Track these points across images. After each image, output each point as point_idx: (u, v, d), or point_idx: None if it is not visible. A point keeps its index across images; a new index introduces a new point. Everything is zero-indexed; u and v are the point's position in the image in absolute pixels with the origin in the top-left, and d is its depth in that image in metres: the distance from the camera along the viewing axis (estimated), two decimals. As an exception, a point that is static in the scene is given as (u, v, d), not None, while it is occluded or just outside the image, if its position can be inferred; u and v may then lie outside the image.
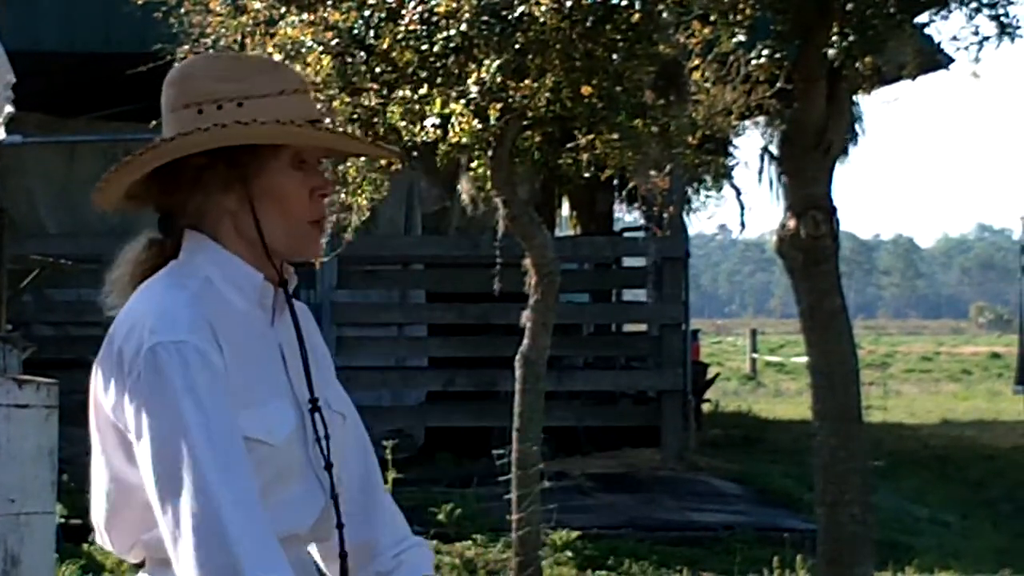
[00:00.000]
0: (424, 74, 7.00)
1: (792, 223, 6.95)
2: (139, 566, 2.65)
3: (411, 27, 6.93)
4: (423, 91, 6.98)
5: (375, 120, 7.18)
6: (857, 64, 6.81)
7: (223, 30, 7.46)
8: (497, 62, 6.83)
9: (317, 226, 2.69)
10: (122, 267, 2.74)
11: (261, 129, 2.60)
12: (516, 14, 6.80)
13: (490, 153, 7.65)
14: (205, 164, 2.63)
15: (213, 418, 2.49)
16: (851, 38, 6.66)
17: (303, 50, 7.02)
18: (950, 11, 6.78)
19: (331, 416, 2.70)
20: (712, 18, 7.08)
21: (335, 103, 7.06)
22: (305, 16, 7.11)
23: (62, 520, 9.94)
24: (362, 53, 7.03)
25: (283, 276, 2.70)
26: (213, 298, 2.62)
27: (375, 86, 7.09)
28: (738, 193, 9.15)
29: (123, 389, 2.55)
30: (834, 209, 6.99)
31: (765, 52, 7.06)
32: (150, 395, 2.51)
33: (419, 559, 2.80)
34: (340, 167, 7.50)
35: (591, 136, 7.64)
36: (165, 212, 2.71)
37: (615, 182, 12.25)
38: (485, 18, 6.82)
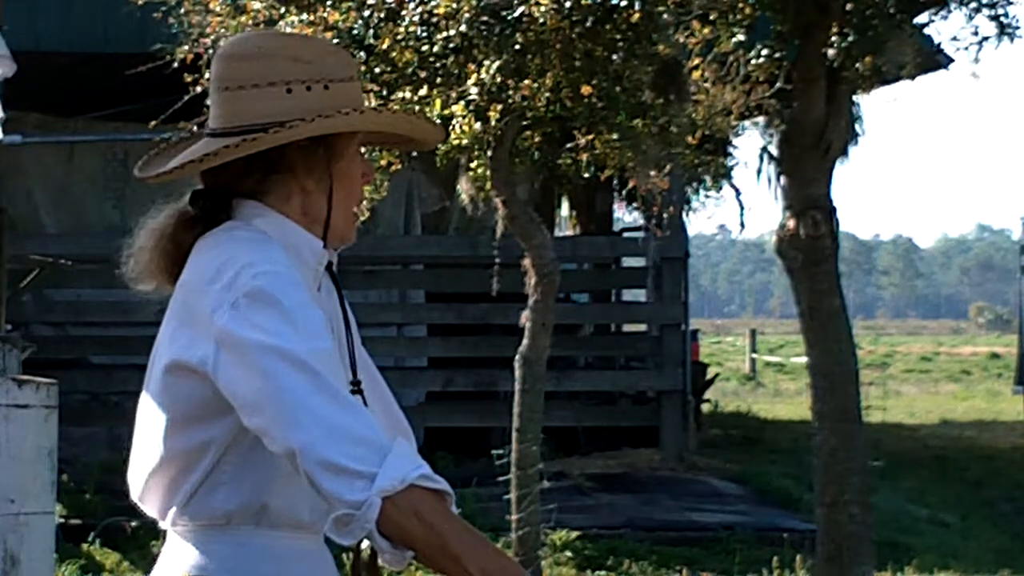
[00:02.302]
0: (424, 75, 7.00)
1: (792, 223, 6.95)
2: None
3: (411, 28, 6.93)
4: (423, 92, 6.98)
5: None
6: (857, 64, 6.81)
7: (222, 30, 7.46)
8: (497, 62, 6.83)
9: (358, 211, 2.80)
10: (147, 241, 2.74)
11: (377, 117, 2.77)
12: (515, 14, 6.80)
13: (490, 153, 7.65)
14: (306, 147, 2.68)
15: (318, 341, 2.51)
16: (851, 38, 6.67)
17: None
18: (950, 11, 6.79)
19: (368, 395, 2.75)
20: (712, 18, 7.09)
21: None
22: (305, 16, 7.11)
23: (61, 520, 9.94)
24: (362, 53, 7.03)
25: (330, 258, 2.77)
26: (291, 256, 2.66)
27: (375, 87, 7.09)
28: (737, 193, 9.16)
29: (199, 328, 2.55)
30: (834, 209, 6.99)
31: (765, 52, 7.06)
32: (258, 312, 2.51)
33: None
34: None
35: (591, 136, 7.65)
36: (221, 186, 2.71)
37: (615, 182, 12.28)
38: (484, 18, 6.82)
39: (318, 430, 2.42)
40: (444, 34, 6.86)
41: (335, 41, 6.99)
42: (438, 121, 7.02)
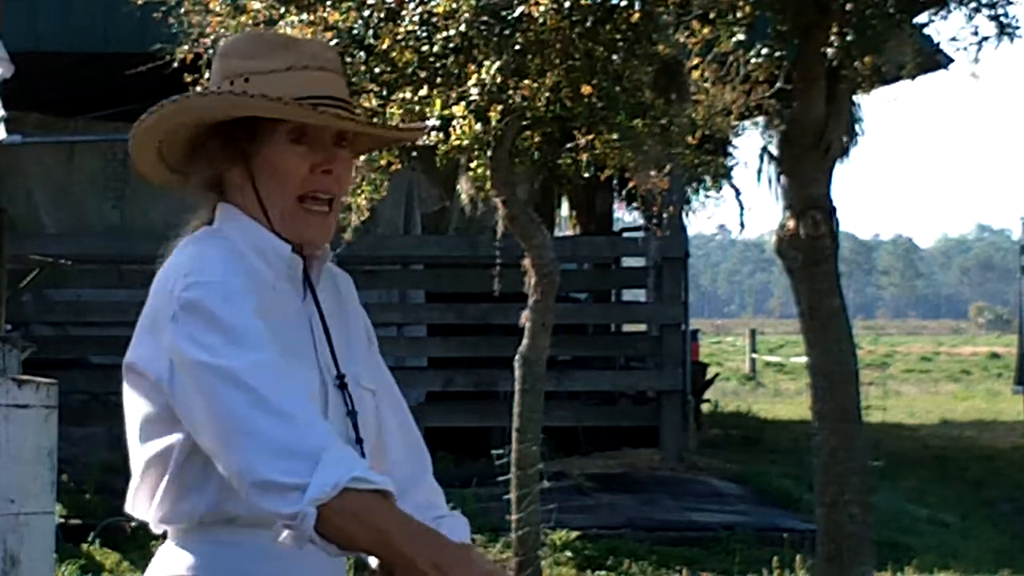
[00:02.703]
0: (424, 75, 7.00)
1: (792, 223, 6.94)
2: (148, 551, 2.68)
3: (410, 28, 6.93)
4: (423, 92, 6.98)
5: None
6: (856, 64, 6.81)
7: (222, 30, 7.46)
8: (497, 63, 6.83)
9: (316, 202, 2.67)
10: (181, 235, 2.76)
11: (240, 100, 2.62)
12: (515, 14, 6.79)
13: (490, 153, 7.65)
14: (205, 138, 2.67)
15: (254, 354, 2.49)
16: (850, 38, 6.66)
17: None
18: (949, 11, 6.78)
19: (359, 392, 2.73)
20: (712, 17, 7.08)
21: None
22: (305, 16, 7.11)
23: (61, 520, 9.95)
24: (362, 53, 7.03)
25: (303, 252, 2.71)
26: (247, 263, 2.63)
27: (375, 87, 7.09)
28: (737, 193, 9.15)
29: (159, 336, 2.56)
30: (833, 209, 6.99)
31: (764, 52, 7.06)
32: (195, 326, 2.51)
33: (458, 523, 2.79)
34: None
35: (591, 136, 7.64)
36: (207, 185, 2.74)
37: (615, 182, 12.28)
38: (484, 18, 6.82)
39: (253, 450, 2.43)
40: (444, 34, 6.86)
41: (334, 41, 6.99)
42: (438, 124, 7.02)
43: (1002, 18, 6.59)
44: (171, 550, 2.66)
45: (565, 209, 20.96)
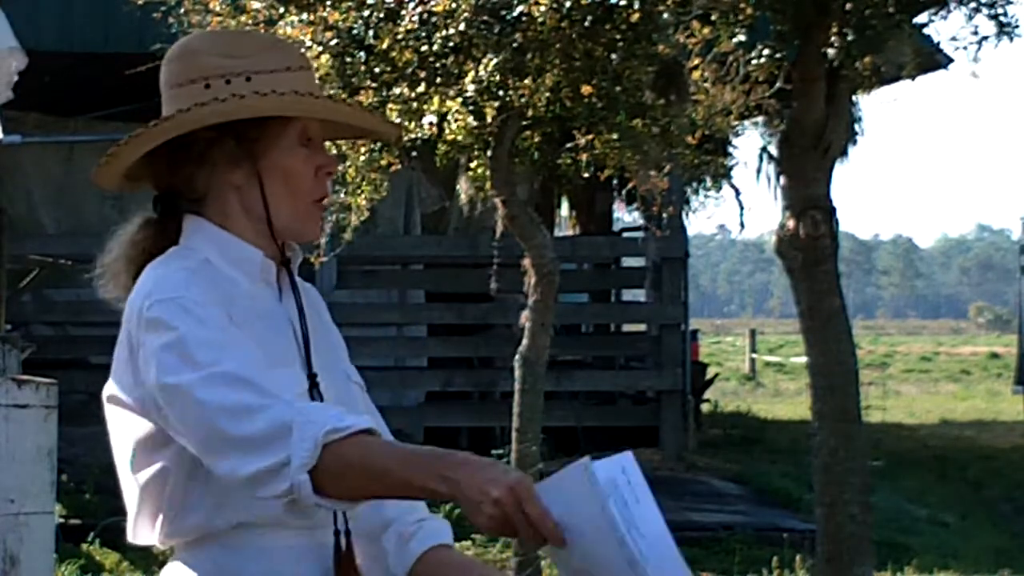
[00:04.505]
0: (423, 74, 7.00)
1: (791, 223, 6.94)
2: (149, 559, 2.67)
3: (410, 27, 6.93)
4: (421, 90, 6.98)
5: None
6: (856, 64, 6.81)
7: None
8: (495, 61, 6.83)
9: (320, 206, 2.70)
10: (116, 249, 2.73)
11: (272, 100, 2.60)
12: (515, 14, 6.80)
13: (489, 153, 7.65)
14: (214, 139, 2.62)
15: (217, 366, 2.48)
16: (850, 38, 6.66)
17: (302, 50, 7.01)
18: (949, 11, 6.78)
19: (349, 387, 2.74)
20: (712, 18, 7.08)
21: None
22: (304, 16, 7.11)
23: (61, 520, 9.95)
24: (361, 53, 7.03)
25: (285, 254, 2.71)
26: (213, 275, 2.61)
27: (374, 85, 7.09)
28: (737, 193, 9.15)
29: (134, 361, 2.57)
30: (833, 209, 6.99)
31: (764, 52, 7.06)
32: (160, 347, 2.51)
33: (440, 527, 2.78)
34: (339, 167, 7.50)
35: (590, 136, 7.64)
36: (167, 190, 2.70)
37: (614, 182, 12.26)
38: (484, 18, 6.82)
39: (231, 453, 2.44)
40: (443, 33, 6.86)
41: (334, 41, 6.99)
42: (435, 119, 7.02)
43: (1001, 18, 6.59)
44: (179, 566, 2.65)
45: (565, 209, 20.96)
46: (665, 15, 7.02)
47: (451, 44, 6.87)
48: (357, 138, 6.38)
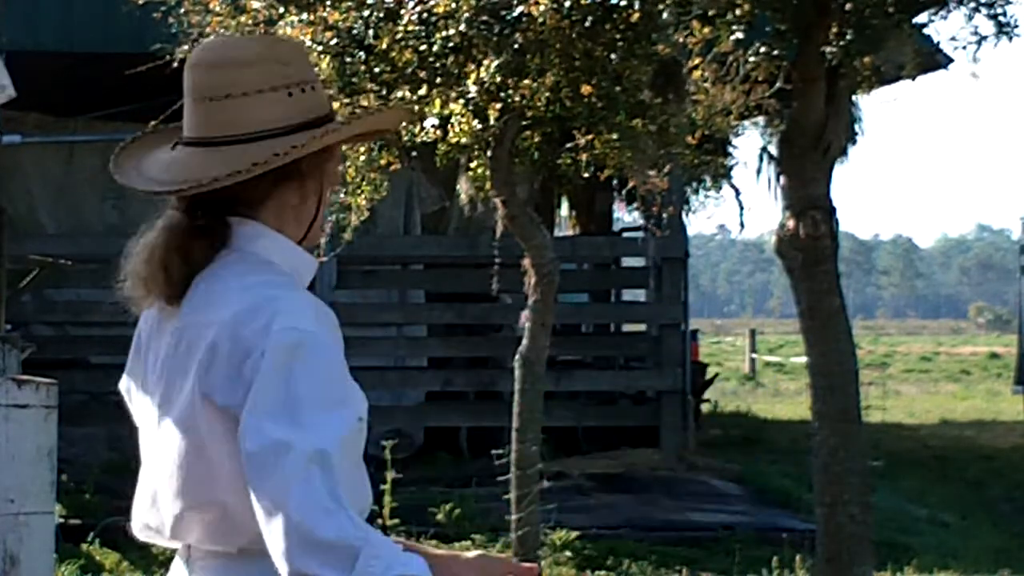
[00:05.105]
0: (423, 74, 7.00)
1: (791, 223, 6.94)
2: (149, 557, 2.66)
3: (410, 27, 6.93)
4: (422, 91, 6.98)
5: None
6: (856, 64, 6.81)
7: (222, 30, 7.46)
8: (496, 62, 6.83)
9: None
10: (147, 252, 2.69)
11: (395, 115, 2.99)
12: (515, 14, 6.80)
13: (489, 153, 7.65)
14: (313, 153, 2.66)
15: (336, 430, 2.48)
16: (850, 38, 6.66)
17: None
18: (949, 11, 6.78)
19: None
20: (711, 17, 7.08)
21: (334, 103, 7.05)
22: (304, 16, 7.11)
23: (61, 520, 9.95)
24: (361, 53, 7.02)
25: None
26: (318, 304, 2.64)
27: (374, 86, 7.09)
28: (737, 193, 9.16)
29: (239, 368, 2.52)
30: (833, 209, 6.99)
31: (764, 52, 7.06)
32: (282, 371, 2.49)
33: None
34: (339, 167, 7.50)
35: (590, 136, 7.64)
36: (219, 198, 2.64)
37: (614, 182, 12.26)
38: (484, 18, 6.82)
39: (295, 539, 2.42)
40: (443, 34, 6.86)
41: (334, 41, 6.99)
42: (437, 122, 7.02)
43: (1001, 18, 6.59)
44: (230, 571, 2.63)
45: (565, 209, 20.97)
46: (665, 15, 7.02)
47: (451, 44, 6.88)
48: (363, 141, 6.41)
